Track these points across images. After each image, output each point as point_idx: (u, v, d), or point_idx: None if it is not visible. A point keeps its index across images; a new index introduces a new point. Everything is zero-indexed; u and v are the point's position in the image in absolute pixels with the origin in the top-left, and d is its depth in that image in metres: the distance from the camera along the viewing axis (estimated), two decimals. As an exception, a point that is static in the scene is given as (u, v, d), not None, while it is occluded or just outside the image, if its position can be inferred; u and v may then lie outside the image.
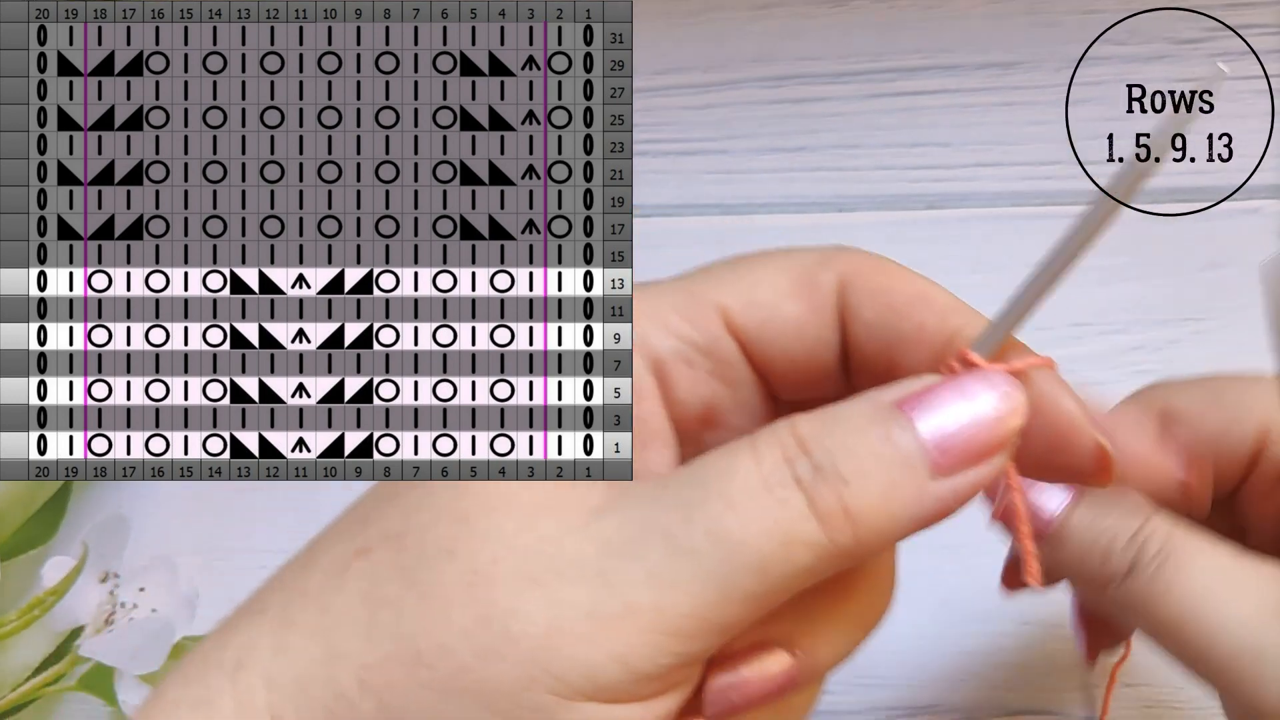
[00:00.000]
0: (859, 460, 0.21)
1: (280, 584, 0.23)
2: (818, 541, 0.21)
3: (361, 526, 0.23)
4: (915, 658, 0.41)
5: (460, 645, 0.20)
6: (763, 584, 0.20)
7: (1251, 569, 0.27)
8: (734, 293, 0.24)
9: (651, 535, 0.20)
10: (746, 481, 0.21)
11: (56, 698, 0.42)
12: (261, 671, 0.22)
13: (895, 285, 0.24)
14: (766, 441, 0.21)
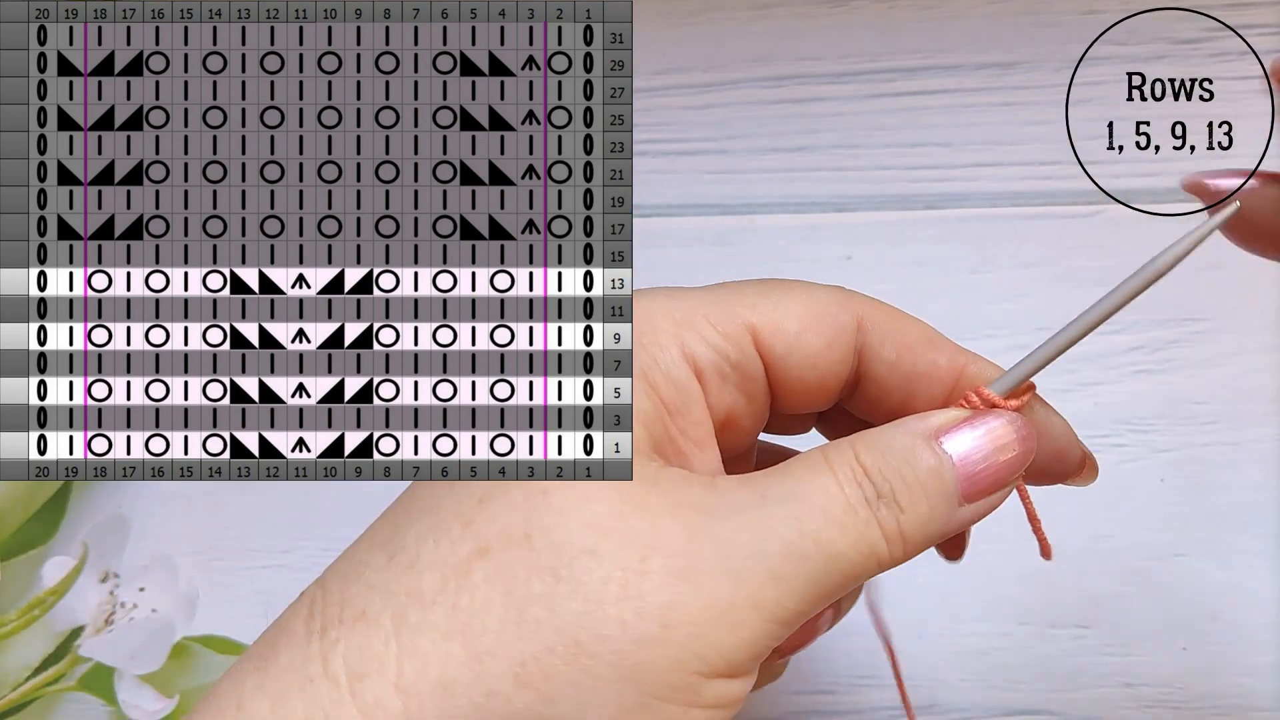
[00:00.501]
0: (911, 491, 0.25)
1: (372, 587, 0.24)
2: (884, 555, 0.25)
3: (462, 528, 0.24)
4: (915, 658, 0.41)
5: (619, 634, 0.23)
6: (844, 584, 0.25)
7: None
8: (764, 317, 0.27)
9: (771, 542, 0.24)
10: (838, 502, 0.25)
11: (56, 698, 0.42)
12: (391, 679, 0.22)
13: (906, 329, 0.28)
14: (839, 464, 0.25)
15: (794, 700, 0.41)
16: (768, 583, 0.24)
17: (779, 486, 0.25)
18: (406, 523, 0.25)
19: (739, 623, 0.23)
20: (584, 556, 0.23)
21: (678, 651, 0.23)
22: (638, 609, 0.23)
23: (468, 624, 0.23)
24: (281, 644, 0.24)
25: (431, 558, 0.24)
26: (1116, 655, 0.40)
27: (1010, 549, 0.41)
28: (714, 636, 0.23)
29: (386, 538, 0.25)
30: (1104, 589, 0.40)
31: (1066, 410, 0.29)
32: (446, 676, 0.22)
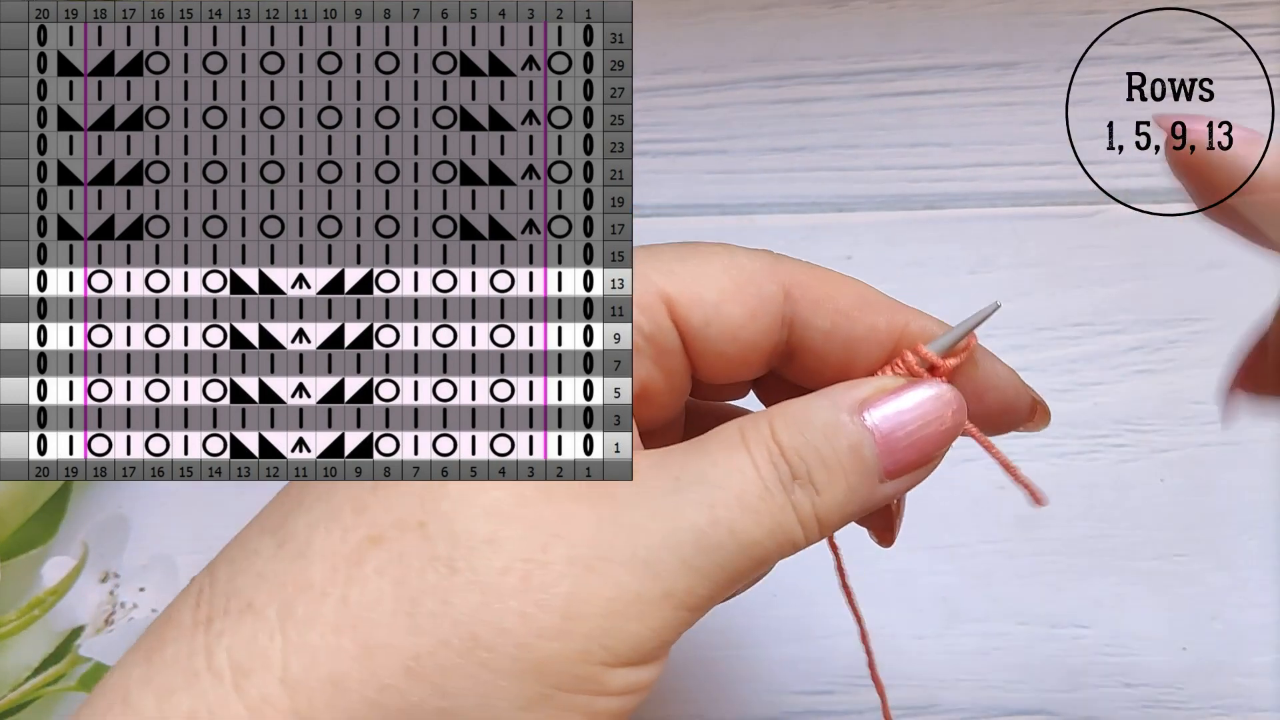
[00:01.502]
0: (829, 471, 0.24)
1: (261, 577, 0.23)
2: (799, 540, 0.24)
3: (355, 515, 0.23)
4: (915, 658, 0.41)
5: (520, 627, 0.22)
6: (756, 569, 0.24)
7: None
8: (681, 285, 0.26)
9: (684, 530, 0.23)
10: (752, 486, 0.24)
11: (56, 698, 0.42)
12: (277, 674, 0.22)
13: (839, 292, 0.27)
14: (755, 444, 0.24)
15: (794, 700, 0.41)
16: (680, 572, 0.23)
17: (694, 468, 0.24)
18: (298, 508, 0.24)
19: (647, 612, 0.23)
20: (482, 546, 0.22)
21: (582, 643, 0.22)
22: (539, 601, 0.22)
23: (359, 617, 0.22)
24: (169, 635, 0.23)
25: (322, 546, 0.23)
26: (1116, 655, 0.40)
27: (1010, 549, 0.41)
28: (621, 627, 0.23)
29: (277, 523, 0.24)
30: (1104, 589, 0.40)
31: (1066, 410, 0.29)
32: (337, 672, 0.22)
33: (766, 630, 0.41)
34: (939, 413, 0.25)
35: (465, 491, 0.23)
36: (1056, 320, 0.43)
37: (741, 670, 0.41)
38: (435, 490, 0.23)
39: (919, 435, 0.25)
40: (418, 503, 0.23)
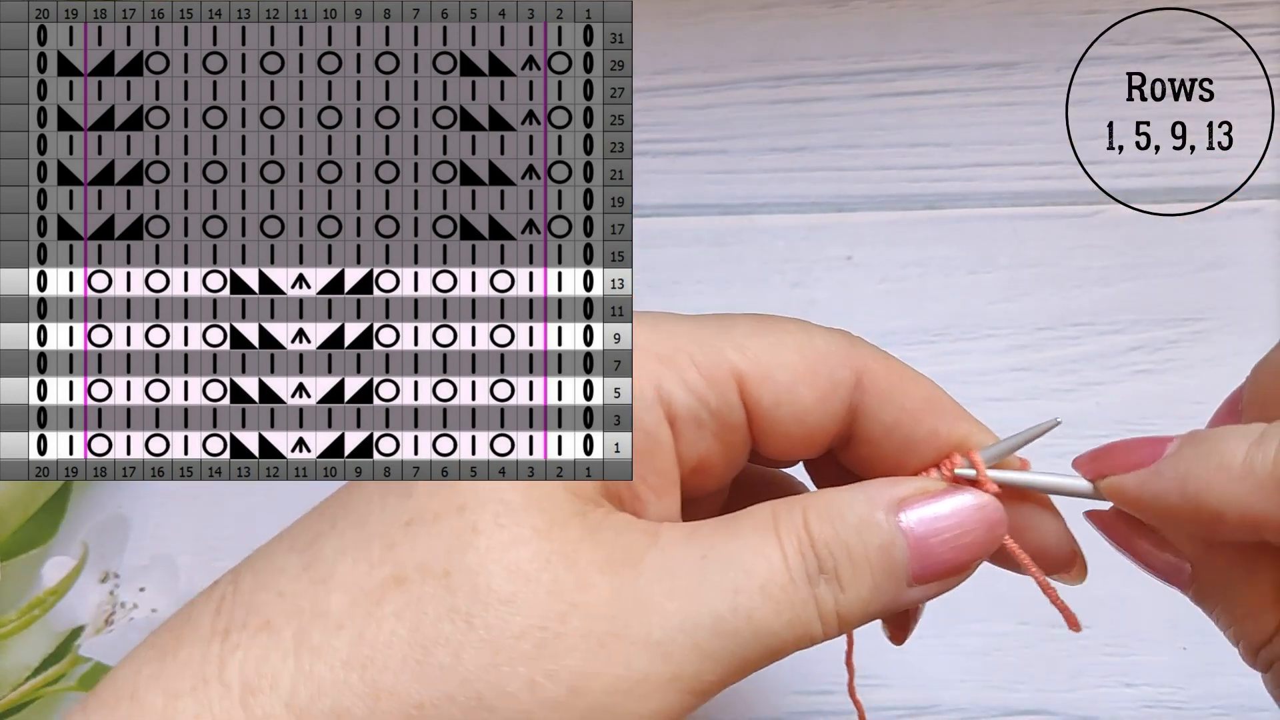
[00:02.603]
0: (855, 568, 0.24)
1: (282, 596, 0.23)
2: (817, 635, 0.24)
3: (384, 550, 0.23)
4: (915, 658, 0.41)
5: (525, 694, 0.22)
6: (769, 659, 0.24)
7: None
8: (753, 363, 0.26)
9: (702, 615, 0.23)
10: (777, 575, 0.23)
11: (56, 698, 0.42)
12: (284, 698, 0.22)
13: (908, 389, 0.26)
14: (785, 530, 0.24)
15: (794, 700, 0.41)
16: (690, 657, 0.23)
17: (721, 547, 0.24)
18: (330, 531, 0.24)
19: (651, 695, 0.23)
20: (500, 605, 0.22)
21: (584, 718, 0.22)
22: (548, 671, 0.22)
23: (370, 657, 0.22)
24: (185, 637, 0.23)
25: (346, 577, 0.23)
26: (1116, 655, 0.40)
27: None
28: (624, 707, 0.22)
29: (306, 543, 0.24)
30: (1104, 589, 0.40)
31: (1067, 410, 0.29)
32: (340, 707, 0.22)
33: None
34: (978, 523, 0.25)
35: (493, 545, 0.23)
36: (1056, 320, 0.43)
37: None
38: (465, 539, 0.23)
39: (954, 544, 0.24)
40: (445, 550, 0.23)
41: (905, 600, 0.24)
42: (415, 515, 0.23)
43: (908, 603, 0.25)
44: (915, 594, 0.25)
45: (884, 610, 0.24)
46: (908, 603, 0.25)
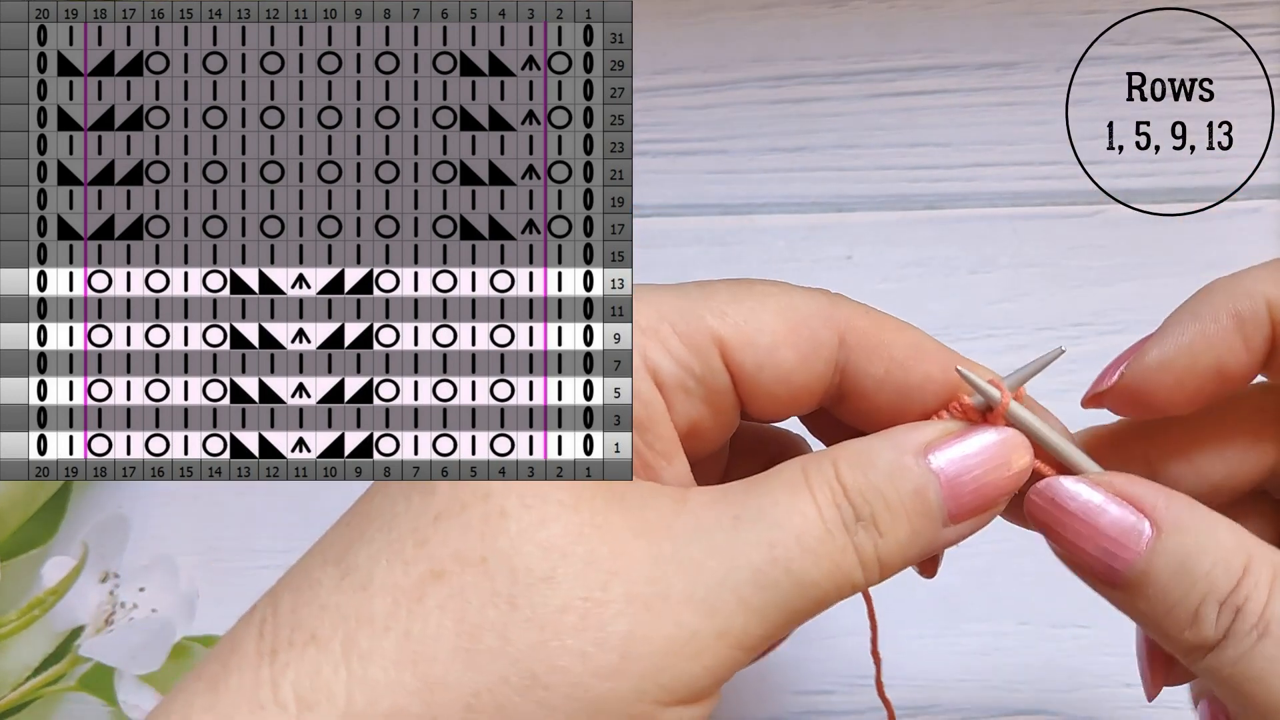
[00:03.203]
0: (893, 514, 0.24)
1: (324, 609, 0.23)
2: (859, 582, 0.24)
3: (416, 548, 0.23)
4: (915, 657, 0.41)
5: (578, 666, 0.22)
6: (815, 610, 0.24)
7: None
8: (734, 328, 0.26)
9: (742, 569, 0.23)
10: (813, 526, 0.24)
11: (56, 698, 0.42)
12: (341, 708, 0.22)
13: (894, 339, 0.27)
14: (818, 483, 0.24)
15: (794, 700, 0.41)
16: (737, 611, 0.23)
17: (753, 505, 0.24)
18: (360, 538, 0.24)
19: (703, 650, 0.23)
20: (541, 584, 0.22)
21: (638, 682, 0.22)
22: (597, 639, 0.22)
23: (419, 652, 0.22)
24: (233, 664, 0.23)
25: (384, 580, 0.23)
26: (1117, 655, 0.40)
27: (1010, 549, 0.41)
28: (677, 666, 0.23)
29: (339, 553, 0.24)
30: (1104, 589, 0.40)
31: (1065, 410, 0.29)
32: (397, 706, 0.22)
33: (766, 630, 0.41)
34: (1005, 457, 0.25)
35: (524, 527, 0.23)
36: (1056, 320, 0.43)
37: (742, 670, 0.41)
38: (495, 524, 0.23)
39: (984, 480, 0.25)
40: (478, 538, 0.23)
41: (942, 541, 0.25)
42: (442, 509, 0.23)
43: (944, 543, 0.25)
44: (951, 534, 0.25)
45: (924, 553, 0.25)
46: (944, 543, 0.25)
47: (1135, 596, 0.25)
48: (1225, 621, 0.24)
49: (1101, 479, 0.26)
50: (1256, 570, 0.24)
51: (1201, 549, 0.24)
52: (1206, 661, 0.24)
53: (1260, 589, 0.24)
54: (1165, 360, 0.25)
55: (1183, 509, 0.25)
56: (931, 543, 0.25)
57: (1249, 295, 0.25)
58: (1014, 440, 0.26)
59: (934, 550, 0.25)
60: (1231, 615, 0.24)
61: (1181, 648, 0.25)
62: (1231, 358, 0.25)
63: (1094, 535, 0.25)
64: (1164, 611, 0.25)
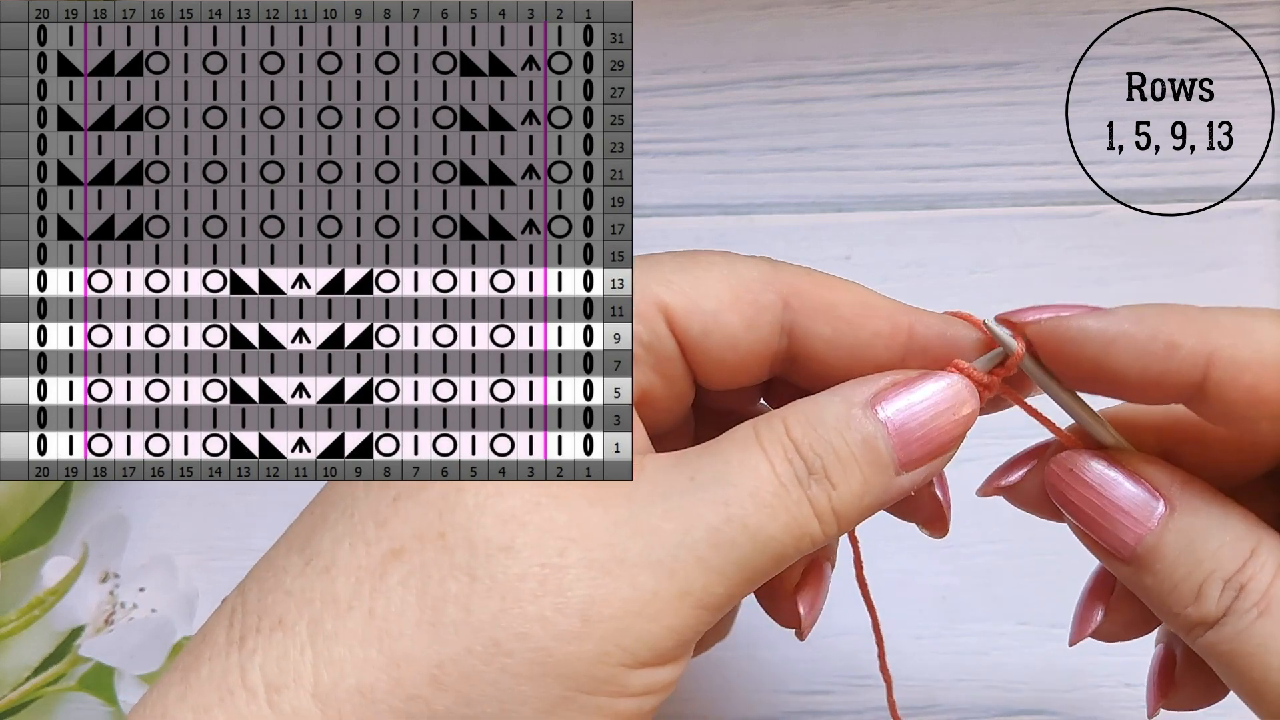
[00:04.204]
0: (843, 465, 0.24)
1: (289, 594, 0.23)
2: (817, 535, 0.24)
3: (377, 528, 0.24)
4: (915, 658, 0.41)
5: (539, 631, 0.22)
6: (775, 567, 0.24)
7: None
8: (678, 295, 0.26)
9: (698, 529, 0.23)
10: (767, 482, 0.24)
11: (56, 698, 0.42)
12: (308, 688, 0.22)
13: (839, 298, 0.27)
14: (769, 440, 0.25)
15: (793, 700, 0.41)
16: (695, 571, 0.23)
17: (708, 468, 0.24)
18: (323, 525, 0.24)
19: (664, 611, 0.23)
20: (500, 554, 0.23)
21: (600, 645, 0.23)
22: (557, 604, 0.23)
23: (384, 628, 0.22)
24: (204, 654, 0.23)
25: (347, 562, 0.23)
26: (1117, 655, 0.40)
27: (1010, 549, 0.41)
28: (638, 627, 0.23)
29: (303, 541, 0.24)
30: (1104, 589, 0.40)
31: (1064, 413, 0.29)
32: (364, 683, 0.22)
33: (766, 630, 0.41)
34: (951, 402, 0.25)
35: (480, 500, 0.23)
36: (1056, 320, 0.43)
37: (741, 670, 0.41)
38: (451, 499, 0.23)
39: (933, 426, 0.25)
40: (435, 514, 0.23)
41: (897, 489, 0.25)
42: (401, 490, 0.24)
43: (900, 491, 0.25)
44: (905, 481, 0.25)
45: (879, 502, 0.25)
46: (900, 491, 0.25)
47: (1143, 571, 0.25)
48: (1227, 599, 0.24)
49: (1120, 456, 0.26)
50: (1264, 554, 0.24)
51: (1211, 530, 0.25)
52: (1206, 638, 0.25)
53: (1266, 571, 0.24)
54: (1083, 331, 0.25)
55: (1196, 491, 0.25)
56: (885, 491, 0.25)
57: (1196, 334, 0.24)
58: (960, 384, 0.26)
59: (892, 498, 0.25)
60: (1234, 593, 0.24)
61: (1183, 624, 0.25)
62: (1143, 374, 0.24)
63: (1108, 508, 0.26)
64: (1169, 587, 0.25)
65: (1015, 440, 0.29)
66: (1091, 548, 0.27)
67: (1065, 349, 0.25)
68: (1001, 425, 0.30)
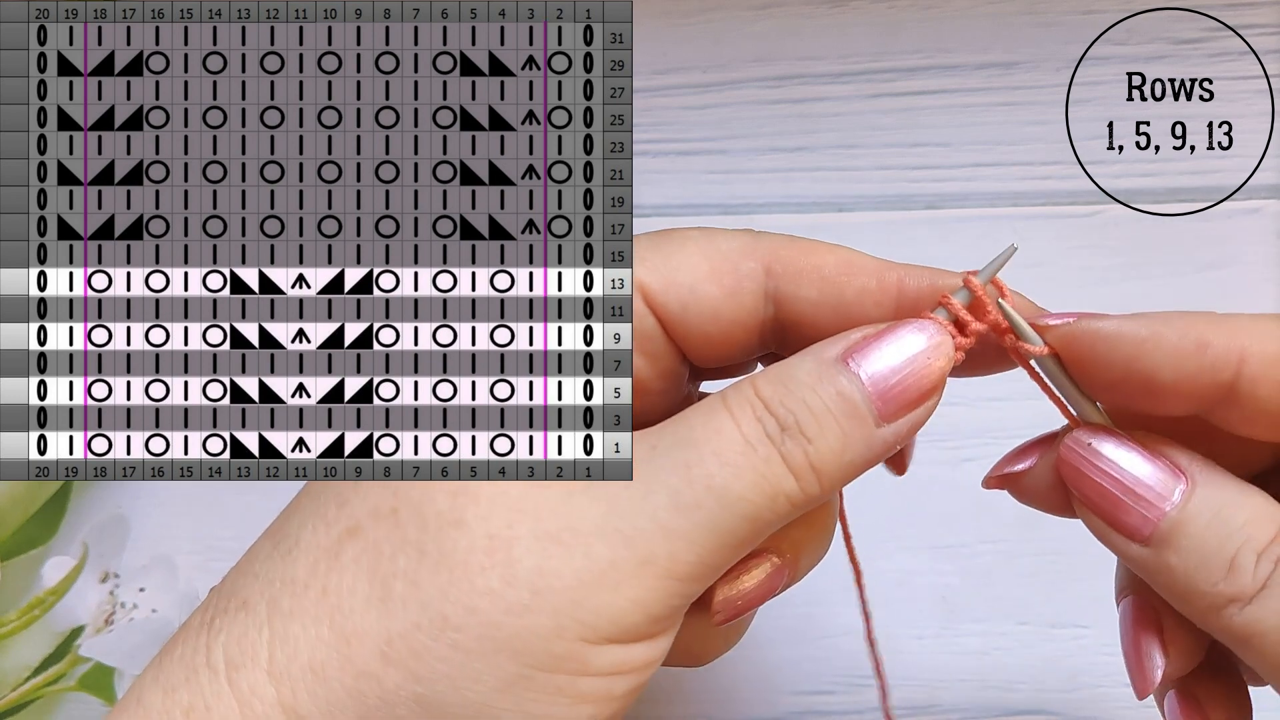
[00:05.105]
0: (819, 419, 0.24)
1: (256, 576, 0.24)
2: (794, 493, 0.23)
3: (337, 509, 0.24)
4: (915, 658, 0.41)
5: (488, 605, 0.22)
6: (752, 530, 0.23)
7: None
8: (654, 272, 0.26)
9: (658, 493, 0.23)
10: (732, 440, 0.23)
11: (56, 698, 0.42)
12: (264, 666, 0.22)
13: (821, 260, 0.26)
14: (736, 402, 0.24)
15: (794, 700, 0.41)
16: (659, 537, 0.22)
17: (670, 435, 0.24)
18: (295, 511, 0.25)
19: (623, 581, 0.22)
20: (450, 528, 0.22)
21: (554, 618, 0.22)
22: (505, 576, 0.22)
23: (336, 605, 0.22)
24: (180, 637, 0.24)
25: (308, 542, 0.23)
26: (1116, 655, 0.40)
27: (1010, 549, 0.41)
28: (594, 600, 0.22)
29: (277, 528, 0.25)
30: (1104, 589, 0.40)
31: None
32: (316, 660, 0.22)
33: (767, 631, 0.41)
34: (925, 349, 0.25)
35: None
36: (1056, 320, 0.43)
37: (741, 670, 0.41)
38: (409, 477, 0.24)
39: (909, 373, 0.24)
40: (391, 492, 0.23)
41: (880, 442, 0.24)
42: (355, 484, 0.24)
43: (884, 444, 0.24)
44: (888, 434, 0.24)
45: (864, 456, 0.24)
46: (884, 444, 0.24)
47: (1166, 550, 0.24)
48: (1265, 570, 0.23)
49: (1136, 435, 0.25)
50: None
51: (1236, 503, 0.24)
52: (1241, 615, 0.23)
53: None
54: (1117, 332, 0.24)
55: (1214, 468, 0.25)
56: (868, 444, 0.24)
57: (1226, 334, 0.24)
58: (933, 330, 0.25)
59: (877, 452, 0.24)
60: (1271, 564, 0.23)
61: (1211, 602, 0.24)
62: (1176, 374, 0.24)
63: (1128, 486, 0.25)
64: (1197, 563, 0.24)
65: (1014, 440, 0.29)
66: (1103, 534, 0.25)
67: (1098, 350, 0.25)
68: (1002, 425, 0.30)
